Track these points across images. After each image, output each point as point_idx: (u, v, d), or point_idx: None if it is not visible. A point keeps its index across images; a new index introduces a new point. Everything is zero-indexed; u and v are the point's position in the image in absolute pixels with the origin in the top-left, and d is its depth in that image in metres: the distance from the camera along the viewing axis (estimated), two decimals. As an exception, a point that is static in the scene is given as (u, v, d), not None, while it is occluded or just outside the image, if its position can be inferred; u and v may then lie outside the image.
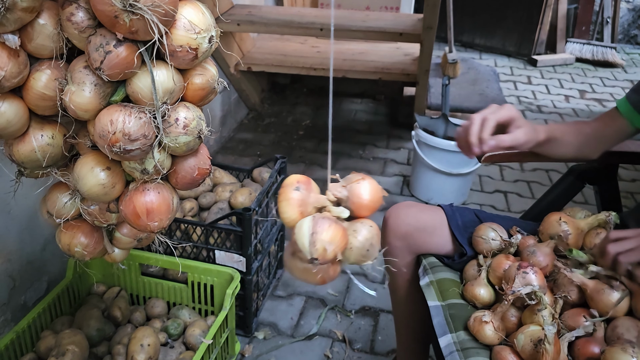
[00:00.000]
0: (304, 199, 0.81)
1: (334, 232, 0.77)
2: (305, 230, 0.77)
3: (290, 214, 0.80)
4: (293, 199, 0.80)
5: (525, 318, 1.04)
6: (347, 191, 0.83)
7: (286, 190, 0.81)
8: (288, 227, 0.81)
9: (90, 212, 0.90)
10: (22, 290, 1.61)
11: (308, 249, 0.76)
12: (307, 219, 0.78)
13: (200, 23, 0.74)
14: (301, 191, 0.81)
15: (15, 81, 0.75)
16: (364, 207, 0.82)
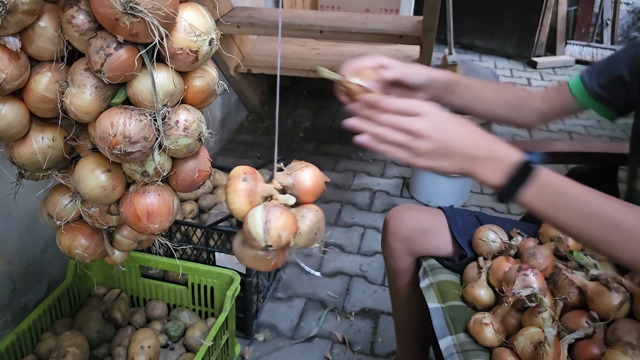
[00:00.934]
0: (251, 189, 0.83)
1: (286, 219, 0.80)
2: (258, 219, 0.79)
3: (240, 204, 0.82)
4: (241, 189, 0.82)
5: (526, 320, 1.04)
6: (292, 179, 0.86)
7: (234, 181, 0.82)
8: (237, 217, 0.83)
9: (91, 214, 0.90)
10: (23, 292, 1.61)
11: (263, 237, 0.79)
12: (258, 209, 0.81)
13: (201, 25, 0.75)
14: (248, 182, 0.83)
15: (16, 84, 0.75)
16: (308, 193, 0.87)
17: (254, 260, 0.85)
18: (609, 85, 1.11)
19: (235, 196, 0.82)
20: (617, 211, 0.79)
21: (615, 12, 4.83)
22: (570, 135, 3.56)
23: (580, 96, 1.15)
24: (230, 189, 0.82)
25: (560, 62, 4.86)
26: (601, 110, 1.15)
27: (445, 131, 0.81)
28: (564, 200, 0.80)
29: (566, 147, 1.45)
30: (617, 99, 1.12)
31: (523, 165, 0.79)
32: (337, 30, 2.70)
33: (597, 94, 1.13)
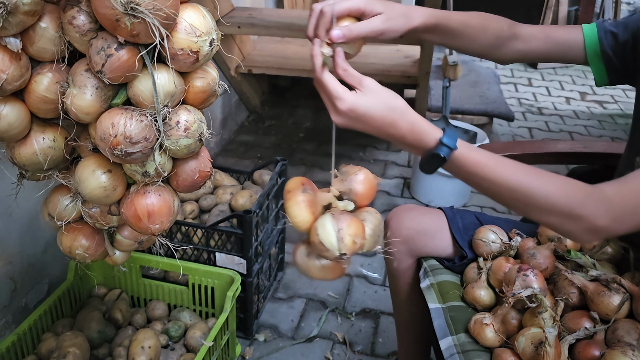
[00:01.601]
0: (312, 199, 0.82)
1: (356, 226, 0.80)
2: (330, 228, 0.78)
3: (303, 216, 0.81)
4: (303, 201, 0.81)
5: (526, 320, 1.04)
6: (348, 184, 0.85)
7: (294, 193, 0.81)
8: (300, 230, 0.82)
9: (92, 214, 0.90)
10: (23, 293, 1.61)
11: (337, 246, 0.78)
12: (327, 218, 0.80)
13: (201, 26, 0.75)
14: (308, 192, 0.82)
15: (17, 84, 0.75)
16: (364, 197, 0.86)
17: (322, 270, 0.84)
18: (618, 47, 1.10)
19: (297, 208, 0.81)
20: (529, 184, 0.86)
21: (616, 11, 4.82)
22: (571, 136, 3.56)
23: (590, 47, 1.12)
24: (292, 202, 0.81)
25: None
26: (600, 72, 1.14)
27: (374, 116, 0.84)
28: (477, 179, 0.88)
29: (567, 148, 1.46)
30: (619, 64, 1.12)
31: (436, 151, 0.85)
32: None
33: (606, 54, 1.11)
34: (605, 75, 1.14)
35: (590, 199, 0.85)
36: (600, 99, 4.24)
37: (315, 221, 0.81)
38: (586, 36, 1.12)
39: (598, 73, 1.14)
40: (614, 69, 1.12)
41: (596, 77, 1.15)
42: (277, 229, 1.98)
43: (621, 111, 4.03)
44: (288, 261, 2.22)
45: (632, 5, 5.12)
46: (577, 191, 0.86)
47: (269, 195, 1.81)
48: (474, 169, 0.87)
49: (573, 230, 0.87)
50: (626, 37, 1.09)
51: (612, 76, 1.14)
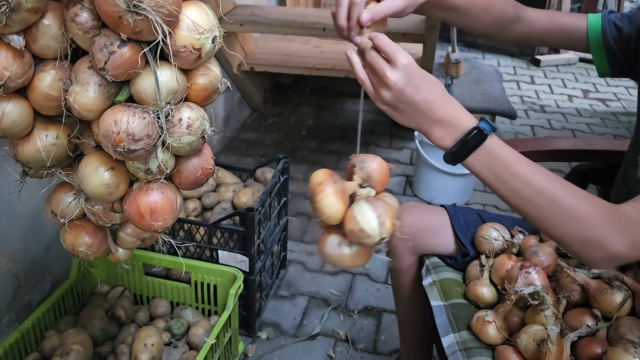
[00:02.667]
0: (342, 190, 0.82)
1: (392, 209, 0.82)
2: (370, 215, 0.79)
3: (337, 207, 0.81)
4: (335, 192, 0.81)
5: (528, 318, 1.04)
6: (366, 172, 0.87)
7: (325, 186, 0.81)
8: (331, 222, 0.82)
9: (94, 212, 0.91)
10: (27, 290, 1.62)
11: (379, 230, 0.79)
12: (363, 205, 0.80)
13: (204, 23, 0.75)
14: (337, 183, 0.82)
15: (20, 82, 0.75)
16: (382, 183, 0.88)
17: (354, 257, 0.84)
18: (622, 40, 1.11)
19: (331, 200, 0.80)
20: (559, 189, 0.83)
21: (619, 9, 4.81)
22: (574, 133, 3.56)
23: (593, 36, 1.12)
24: (325, 194, 0.80)
25: (564, 60, 4.85)
26: (601, 62, 1.15)
27: (412, 89, 0.82)
28: (507, 175, 0.83)
29: (569, 145, 1.45)
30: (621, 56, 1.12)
31: (473, 133, 0.82)
32: (339, 28, 2.70)
33: (609, 45, 1.12)
34: (607, 66, 1.15)
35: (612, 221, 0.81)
36: (602, 96, 4.23)
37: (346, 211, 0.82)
38: (590, 24, 1.13)
39: (599, 63, 1.15)
40: (616, 60, 1.13)
41: (597, 67, 1.17)
42: (279, 226, 1.98)
43: (624, 109, 4.02)
44: (290, 259, 2.22)
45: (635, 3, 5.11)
46: (601, 208, 0.83)
47: (272, 193, 1.81)
48: (506, 162, 0.83)
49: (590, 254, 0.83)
50: (630, 30, 1.09)
51: (614, 67, 1.15)
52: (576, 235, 0.82)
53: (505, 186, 0.84)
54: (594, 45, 1.13)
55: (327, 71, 3.07)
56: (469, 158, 0.84)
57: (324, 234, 0.85)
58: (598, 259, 0.83)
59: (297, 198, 2.65)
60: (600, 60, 1.15)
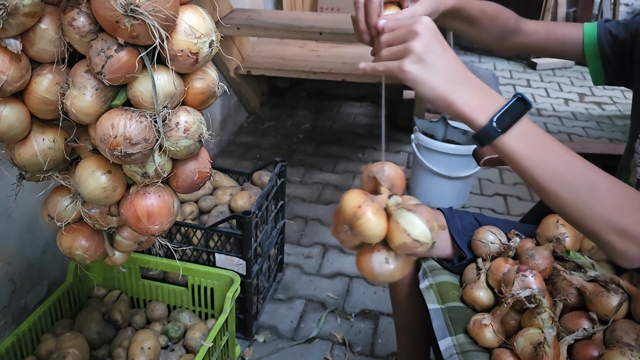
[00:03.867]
0: (379, 206, 0.79)
1: (430, 212, 0.79)
2: (420, 223, 0.77)
3: (383, 225, 0.78)
4: (376, 210, 0.78)
5: (525, 321, 1.04)
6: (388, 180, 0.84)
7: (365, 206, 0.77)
8: (375, 240, 0.79)
9: (91, 215, 0.90)
10: (23, 294, 1.61)
11: (431, 236, 0.77)
12: (408, 215, 0.78)
13: (201, 28, 0.75)
14: (373, 200, 0.81)
15: (17, 85, 0.75)
16: (401, 188, 0.85)
17: (403, 269, 0.81)
18: (617, 47, 1.12)
19: (375, 220, 0.77)
20: (595, 174, 0.77)
21: (614, 13, 4.83)
22: (570, 137, 3.57)
23: (589, 44, 1.13)
24: (367, 216, 0.77)
25: (560, 64, 4.87)
26: (596, 71, 1.16)
27: (441, 42, 0.78)
28: (547, 148, 0.76)
29: None
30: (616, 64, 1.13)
31: (516, 101, 0.75)
32: (336, 32, 2.71)
33: (604, 53, 1.13)
34: (602, 74, 1.16)
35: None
36: (598, 100, 4.25)
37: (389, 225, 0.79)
38: (586, 34, 1.14)
39: (595, 71, 1.16)
40: (611, 67, 1.14)
41: (592, 75, 1.18)
42: (276, 230, 1.98)
43: (619, 112, 4.03)
44: (287, 262, 2.22)
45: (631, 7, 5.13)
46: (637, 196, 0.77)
47: (268, 197, 1.81)
48: (546, 139, 0.76)
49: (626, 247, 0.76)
50: (625, 37, 1.10)
51: (608, 75, 1.16)
52: (613, 225, 0.75)
53: (543, 166, 0.75)
54: (590, 53, 1.15)
55: (324, 75, 3.08)
56: (508, 133, 0.75)
57: (364, 253, 0.82)
58: (632, 253, 0.77)
59: (294, 201, 2.65)
60: (595, 68, 1.16)
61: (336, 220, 0.84)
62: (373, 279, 0.82)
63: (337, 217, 0.83)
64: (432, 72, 0.76)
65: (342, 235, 0.82)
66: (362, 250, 0.83)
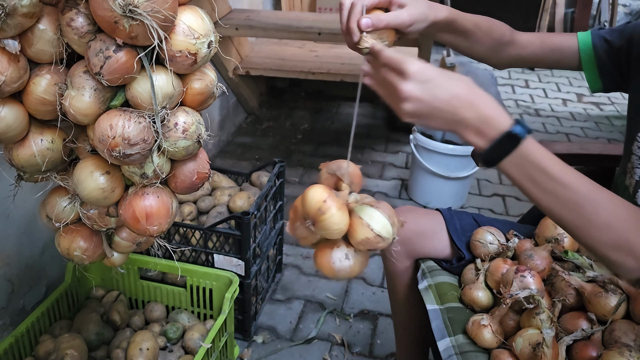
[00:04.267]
0: (342, 202, 0.80)
1: (390, 209, 0.81)
2: (382, 218, 0.79)
3: (346, 220, 0.79)
4: (340, 205, 0.79)
5: (524, 321, 1.04)
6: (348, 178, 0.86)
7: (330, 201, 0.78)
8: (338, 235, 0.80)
9: (90, 216, 0.90)
10: (21, 295, 1.61)
11: (392, 232, 0.79)
12: (369, 211, 0.79)
13: (199, 28, 0.75)
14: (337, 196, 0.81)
15: (15, 86, 0.75)
16: (360, 185, 0.88)
17: (361, 265, 0.83)
18: (613, 53, 1.12)
19: (339, 215, 0.78)
20: (596, 196, 0.79)
21: (612, 14, 4.84)
22: (568, 137, 3.57)
23: (585, 52, 1.14)
24: (331, 211, 0.77)
25: (558, 64, 4.87)
26: (593, 78, 1.16)
27: (429, 95, 0.78)
28: (544, 179, 0.78)
29: (564, 149, 1.46)
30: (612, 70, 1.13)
31: (508, 135, 0.77)
32: (335, 32, 2.71)
33: (601, 60, 1.13)
34: (599, 81, 1.16)
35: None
36: (596, 100, 4.25)
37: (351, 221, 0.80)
38: (581, 42, 1.15)
39: (592, 79, 1.17)
40: (607, 74, 1.14)
41: (590, 83, 1.18)
42: (275, 230, 1.98)
43: (618, 113, 4.04)
44: (286, 263, 2.22)
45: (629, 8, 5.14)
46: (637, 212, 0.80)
47: (267, 197, 1.81)
48: (542, 165, 0.78)
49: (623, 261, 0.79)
50: (621, 43, 1.11)
51: (605, 82, 1.16)
52: (609, 241, 0.78)
53: (541, 190, 0.79)
54: (586, 61, 1.15)
55: (323, 75, 3.08)
56: (503, 162, 0.78)
57: (323, 250, 0.83)
58: (629, 267, 0.79)
59: (292, 202, 2.64)
60: (592, 76, 1.16)
61: (294, 216, 0.85)
62: (333, 275, 0.83)
63: (296, 213, 0.85)
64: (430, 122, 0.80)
65: (300, 231, 0.83)
66: (321, 247, 0.84)
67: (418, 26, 0.97)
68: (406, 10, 0.94)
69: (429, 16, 0.98)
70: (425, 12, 0.97)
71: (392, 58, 0.79)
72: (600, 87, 1.17)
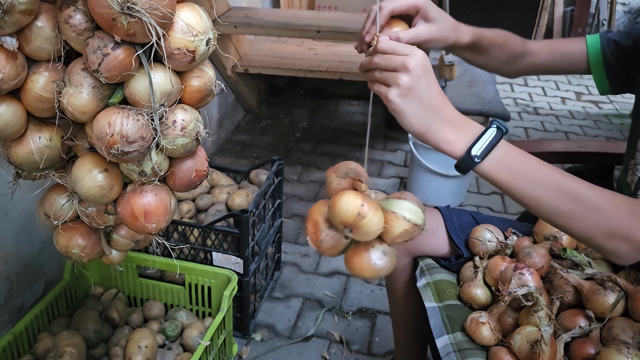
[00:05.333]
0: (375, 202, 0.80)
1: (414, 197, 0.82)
2: (414, 208, 0.80)
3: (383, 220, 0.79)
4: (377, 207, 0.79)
5: (522, 319, 1.04)
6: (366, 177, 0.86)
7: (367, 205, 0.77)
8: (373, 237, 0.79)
9: (88, 213, 0.90)
10: (19, 292, 1.61)
11: (424, 217, 0.80)
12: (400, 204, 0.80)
13: (198, 26, 0.75)
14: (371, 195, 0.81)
15: (13, 83, 0.75)
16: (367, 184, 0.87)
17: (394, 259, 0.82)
18: (620, 54, 1.13)
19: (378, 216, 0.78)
20: (578, 184, 0.81)
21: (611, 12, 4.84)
22: (567, 135, 3.57)
23: (593, 55, 1.14)
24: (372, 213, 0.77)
25: (557, 62, 4.87)
26: (601, 79, 1.17)
27: (427, 81, 0.80)
28: (526, 174, 0.80)
29: (562, 147, 1.46)
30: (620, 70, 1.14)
31: (490, 131, 0.80)
32: (334, 30, 2.71)
33: (608, 61, 1.14)
34: (607, 83, 1.17)
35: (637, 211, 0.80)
36: (595, 99, 4.26)
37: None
38: (589, 45, 1.16)
39: (600, 81, 1.17)
40: (615, 75, 1.15)
41: (598, 85, 1.18)
42: (273, 228, 1.98)
43: (616, 111, 4.04)
44: (285, 260, 2.22)
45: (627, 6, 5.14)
46: (623, 200, 0.82)
47: (266, 195, 1.81)
48: (522, 161, 0.81)
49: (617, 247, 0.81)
50: (628, 43, 1.12)
51: (613, 83, 1.17)
52: (601, 229, 0.80)
53: (524, 186, 0.81)
54: (594, 63, 1.16)
55: (321, 73, 3.07)
56: (485, 160, 0.80)
57: (357, 253, 0.82)
58: (624, 252, 0.81)
59: (291, 200, 2.65)
60: (600, 78, 1.17)
61: (315, 228, 0.83)
62: (375, 275, 0.82)
63: (317, 225, 0.83)
64: (412, 107, 0.80)
65: (327, 241, 0.82)
66: (354, 251, 0.82)
67: (438, 44, 0.99)
68: (428, 28, 0.95)
69: (449, 38, 1.00)
70: (447, 34, 0.99)
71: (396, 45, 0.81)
72: (608, 89, 1.18)
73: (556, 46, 1.19)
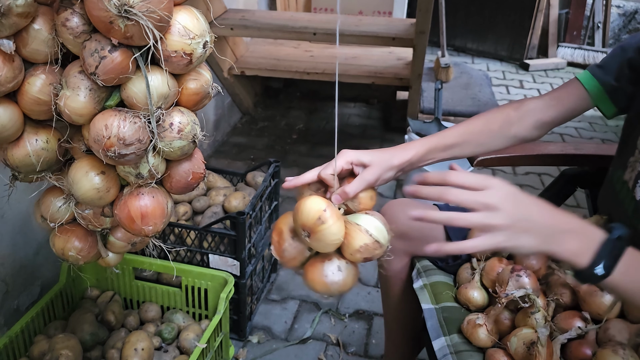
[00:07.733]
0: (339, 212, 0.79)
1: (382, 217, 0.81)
2: (378, 225, 0.78)
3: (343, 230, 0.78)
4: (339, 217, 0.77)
5: (519, 321, 1.05)
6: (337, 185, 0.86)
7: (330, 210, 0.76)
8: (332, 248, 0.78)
9: (85, 216, 0.90)
10: (15, 295, 1.60)
11: (388, 238, 0.78)
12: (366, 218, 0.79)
13: (195, 28, 0.75)
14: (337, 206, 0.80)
15: (10, 86, 0.75)
16: None
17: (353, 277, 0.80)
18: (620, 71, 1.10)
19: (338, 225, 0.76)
20: None
21: (606, 15, 4.86)
22: (562, 137, 3.58)
23: (593, 89, 1.12)
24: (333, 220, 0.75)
25: (552, 65, 4.89)
26: (607, 106, 1.14)
27: (522, 203, 0.76)
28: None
29: (558, 149, 1.46)
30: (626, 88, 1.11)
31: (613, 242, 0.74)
32: (330, 32, 2.71)
33: (610, 85, 1.11)
34: (612, 106, 1.14)
35: None
36: (591, 100, 4.27)
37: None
38: (584, 81, 1.13)
39: (606, 108, 1.14)
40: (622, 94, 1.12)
41: (605, 112, 1.15)
42: (270, 230, 1.98)
43: (612, 113, 4.05)
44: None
45: (622, 9, 5.16)
46: None
47: (262, 197, 1.81)
48: None
49: None
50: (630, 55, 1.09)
51: (619, 104, 1.13)
52: None
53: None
54: (596, 94, 1.12)
55: (318, 75, 3.08)
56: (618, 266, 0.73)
57: (313, 265, 0.80)
58: None
59: (287, 202, 2.65)
60: (606, 106, 1.14)
61: (279, 237, 0.82)
62: (325, 289, 0.80)
63: (281, 235, 0.82)
64: (523, 237, 0.75)
65: (289, 251, 0.80)
66: (312, 263, 0.81)
67: (387, 175, 0.98)
68: (369, 170, 0.94)
69: (393, 163, 0.99)
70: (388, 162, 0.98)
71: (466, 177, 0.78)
72: (615, 111, 1.15)
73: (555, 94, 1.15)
